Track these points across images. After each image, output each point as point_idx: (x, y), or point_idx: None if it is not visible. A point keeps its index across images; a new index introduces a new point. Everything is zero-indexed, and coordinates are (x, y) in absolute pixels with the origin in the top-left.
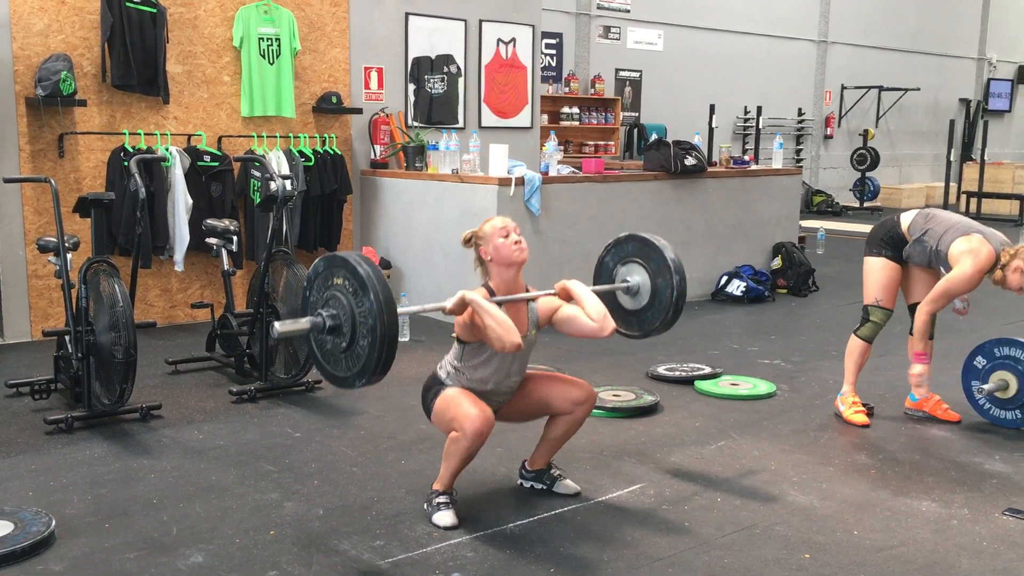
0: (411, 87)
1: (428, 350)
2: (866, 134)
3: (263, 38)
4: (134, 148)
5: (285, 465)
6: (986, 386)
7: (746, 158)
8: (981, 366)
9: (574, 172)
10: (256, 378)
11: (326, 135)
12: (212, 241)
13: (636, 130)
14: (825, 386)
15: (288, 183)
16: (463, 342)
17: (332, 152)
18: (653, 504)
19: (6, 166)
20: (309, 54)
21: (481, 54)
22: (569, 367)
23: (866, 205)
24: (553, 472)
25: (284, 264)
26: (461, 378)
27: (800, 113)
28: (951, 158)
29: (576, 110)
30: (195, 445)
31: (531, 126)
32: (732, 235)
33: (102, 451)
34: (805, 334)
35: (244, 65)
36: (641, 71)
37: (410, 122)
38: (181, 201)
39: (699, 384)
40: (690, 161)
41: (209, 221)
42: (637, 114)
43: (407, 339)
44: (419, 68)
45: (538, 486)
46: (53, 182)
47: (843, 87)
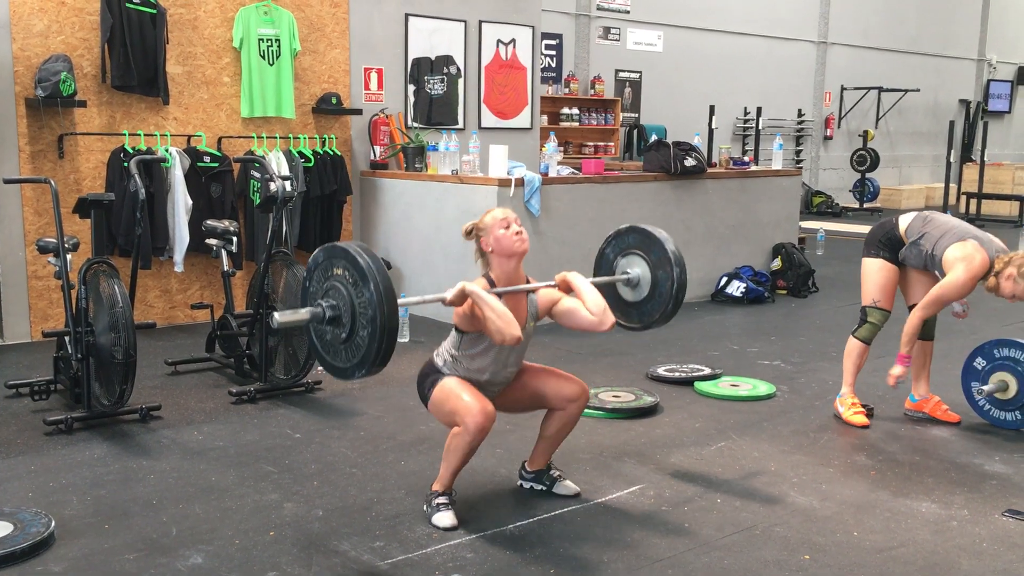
0: (411, 88)
1: (428, 351)
2: (866, 135)
3: (263, 39)
4: (134, 149)
5: (285, 466)
6: (986, 387)
7: (746, 159)
8: (981, 367)
9: (574, 173)
10: (256, 379)
11: (326, 136)
12: (212, 242)
13: (636, 131)
14: (825, 387)
15: (288, 184)
16: (461, 331)
17: (332, 153)
18: (653, 505)
19: (6, 167)
20: (309, 55)
21: (481, 55)
22: (569, 367)
23: (866, 206)
24: (553, 473)
25: (284, 265)
26: (458, 367)
27: (800, 114)
28: (951, 159)
29: (576, 111)
30: (195, 446)
31: (531, 127)
32: (732, 236)
33: (102, 452)
34: (805, 335)
35: (244, 66)
36: (641, 72)
37: (410, 123)
38: (181, 202)
39: (699, 385)
40: (690, 162)
41: (209, 222)
42: (637, 115)
43: (407, 340)
44: (419, 69)
45: (538, 487)
46: (53, 183)
47: (843, 88)
